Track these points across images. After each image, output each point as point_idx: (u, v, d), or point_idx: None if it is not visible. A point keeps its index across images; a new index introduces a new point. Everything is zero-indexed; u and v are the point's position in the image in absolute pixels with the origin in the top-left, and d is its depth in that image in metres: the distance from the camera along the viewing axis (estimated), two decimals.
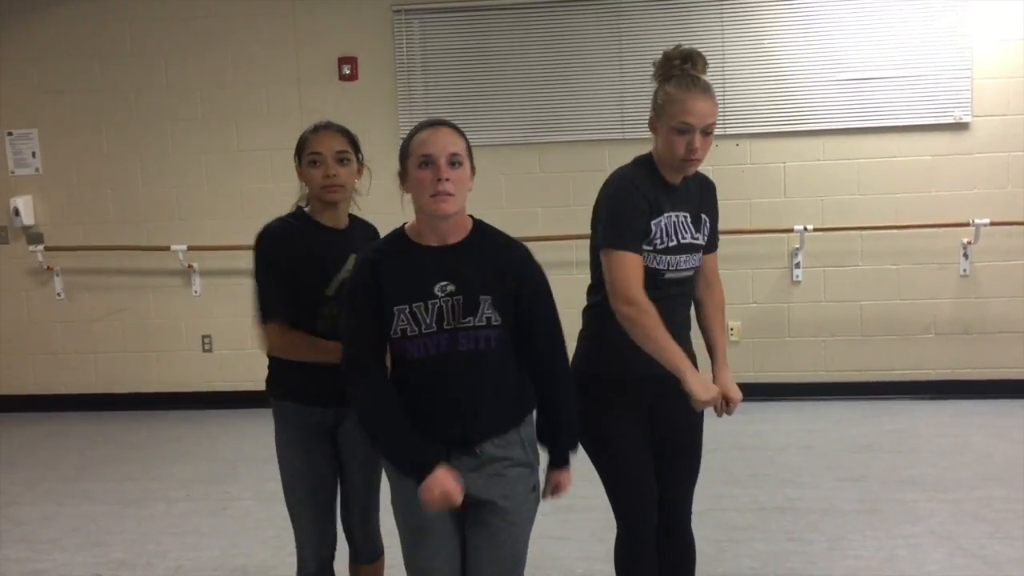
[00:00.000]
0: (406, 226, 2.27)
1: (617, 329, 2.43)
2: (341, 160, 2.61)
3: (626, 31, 5.91)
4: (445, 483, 2.15)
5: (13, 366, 6.60)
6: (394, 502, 2.36)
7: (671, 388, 2.42)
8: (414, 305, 2.18)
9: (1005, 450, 4.93)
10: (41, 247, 6.41)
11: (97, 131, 6.36)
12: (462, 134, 2.22)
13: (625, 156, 2.74)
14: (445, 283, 2.18)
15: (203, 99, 6.27)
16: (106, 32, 6.27)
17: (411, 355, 2.20)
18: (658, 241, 2.49)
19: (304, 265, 2.58)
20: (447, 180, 2.13)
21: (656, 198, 2.49)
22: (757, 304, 6.00)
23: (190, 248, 6.24)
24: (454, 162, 2.15)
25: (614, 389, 2.52)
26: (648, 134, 2.60)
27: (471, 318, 2.18)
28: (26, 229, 6.43)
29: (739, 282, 5.90)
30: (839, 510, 4.19)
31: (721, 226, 2.71)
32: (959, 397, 5.86)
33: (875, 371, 6.04)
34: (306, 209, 2.70)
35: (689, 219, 2.54)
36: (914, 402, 5.87)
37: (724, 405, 2.51)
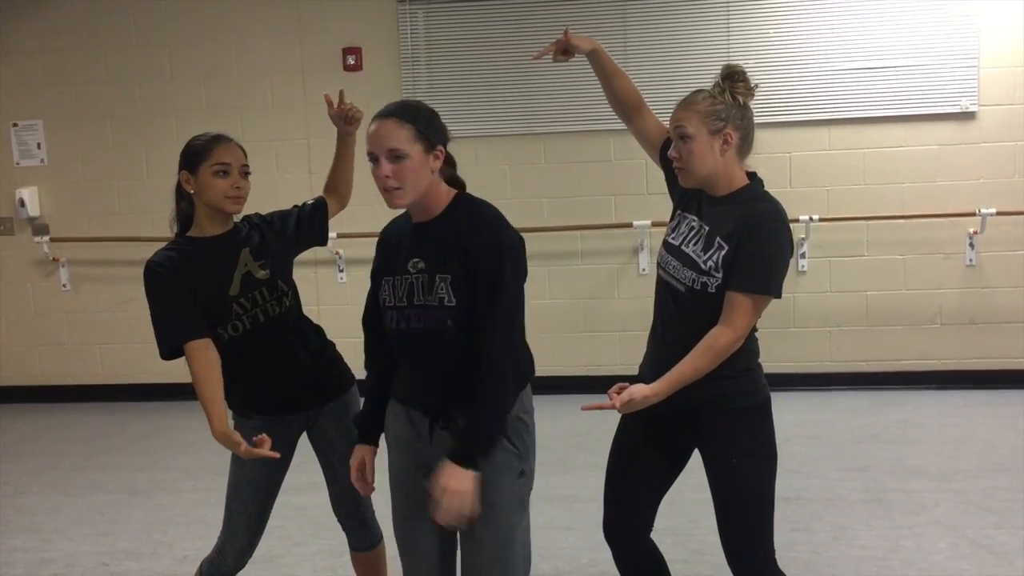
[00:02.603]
0: None
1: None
2: (246, 174, 2.61)
3: (631, 20, 5.89)
4: (361, 457, 2.43)
5: (20, 357, 6.62)
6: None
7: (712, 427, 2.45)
8: (395, 278, 2.26)
9: (1010, 440, 4.92)
10: (47, 238, 6.42)
11: (102, 122, 6.37)
12: (411, 119, 2.17)
13: (631, 147, 2.74)
14: (417, 260, 2.23)
15: (207, 90, 6.27)
16: (110, 23, 6.27)
17: (387, 323, 2.30)
18: (671, 233, 2.50)
19: (200, 281, 2.55)
20: (387, 177, 2.15)
21: (696, 196, 2.47)
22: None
23: None
24: (396, 156, 2.14)
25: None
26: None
27: (429, 297, 2.21)
28: (31, 220, 6.45)
29: None
30: (844, 500, 4.19)
31: None
32: (965, 387, 5.85)
33: (881, 361, 6.03)
34: (188, 233, 2.65)
35: (705, 235, 2.39)
36: (920, 392, 5.86)
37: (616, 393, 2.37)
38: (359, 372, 2.93)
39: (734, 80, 2.45)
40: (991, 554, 3.58)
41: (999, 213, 5.72)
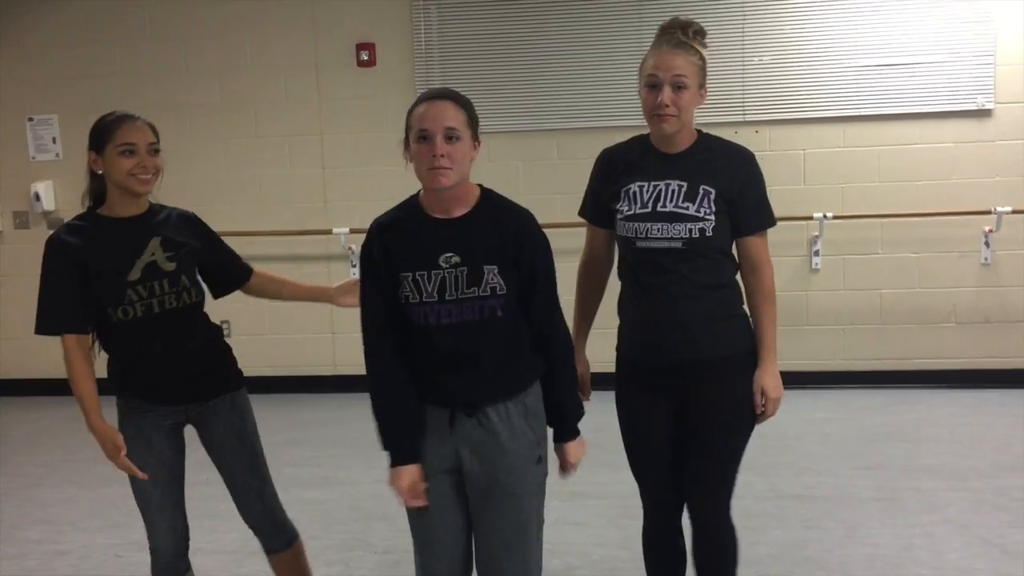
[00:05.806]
0: (420, 195, 2.32)
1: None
2: (155, 151, 2.61)
3: (646, 17, 5.86)
4: (410, 478, 2.26)
5: (36, 350, 6.58)
6: None
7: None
8: (417, 274, 2.23)
9: None
10: None
11: None
12: (464, 105, 2.25)
13: None
14: (450, 254, 2.23)
15: (221, 85, 6.29)
16: (125, 18, 6.29)
17: (413, 321, 2.25)
18: (625, 207, 2.48)
19: (99, 262, 2.54)
20: (443, 156, 2.17)
21: (636, 165, 2.49)
22: (776, 292, 5.98)
23: None
24: (451, 136, 2.19)
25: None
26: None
27: (475, 288, 2.21)
28: (47, 214, 6.48)
29: None
30: (856, 498, 4.17)
31: None
32: (979, 386, 5.83)
33: (894, 359, 6.01)
34: (98, 210, 2.64)
35: (684, 189, 2.42)
36: (933, 391, 5.84)
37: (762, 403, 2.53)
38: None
39: (701, 35, 2.44)
40: (1004, 553, 3.56)
41: (1015, 211, 5.68)
